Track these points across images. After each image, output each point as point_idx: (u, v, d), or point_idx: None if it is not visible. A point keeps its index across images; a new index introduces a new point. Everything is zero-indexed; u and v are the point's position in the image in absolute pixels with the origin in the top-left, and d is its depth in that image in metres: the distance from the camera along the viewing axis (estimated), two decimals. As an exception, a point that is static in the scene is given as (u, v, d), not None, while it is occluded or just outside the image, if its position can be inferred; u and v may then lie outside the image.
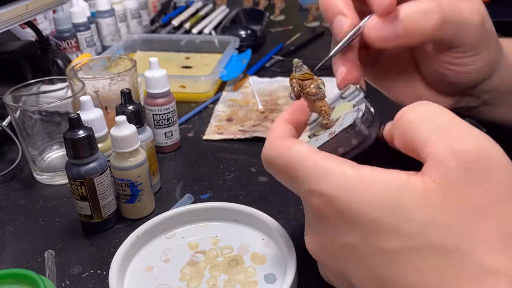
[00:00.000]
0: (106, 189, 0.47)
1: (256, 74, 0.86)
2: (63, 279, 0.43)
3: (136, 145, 0.48)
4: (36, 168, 0.58)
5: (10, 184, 0.58)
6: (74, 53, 0.89)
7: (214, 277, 0.42)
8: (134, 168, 0.48)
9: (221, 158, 0.62)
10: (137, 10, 1.09)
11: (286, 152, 0.31)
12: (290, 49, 0.97)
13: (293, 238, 0.42)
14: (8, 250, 0.47)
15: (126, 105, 0.52)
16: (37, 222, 0.51)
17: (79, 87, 0.55)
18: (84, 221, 0.48)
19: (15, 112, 0.55)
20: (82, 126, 0.45)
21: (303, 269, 0.41)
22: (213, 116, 0.72)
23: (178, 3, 1.30)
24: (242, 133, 0.66)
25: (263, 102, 0.75)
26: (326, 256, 0.32)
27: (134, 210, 0.50)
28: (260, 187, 0.55)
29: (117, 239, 0.48)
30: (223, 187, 0.56)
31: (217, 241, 0.46)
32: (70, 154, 0.45)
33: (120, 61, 0.64)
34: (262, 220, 0.45)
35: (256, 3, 1.31)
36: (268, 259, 0.43)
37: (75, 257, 0.46)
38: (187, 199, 0.52)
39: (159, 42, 0.97)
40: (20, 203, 0.55)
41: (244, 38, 0.97)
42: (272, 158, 0.32)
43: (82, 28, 0.92)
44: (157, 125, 0.62)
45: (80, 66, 0.62)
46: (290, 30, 1.13)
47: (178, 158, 0.63)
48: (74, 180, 0.46)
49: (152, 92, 0.60)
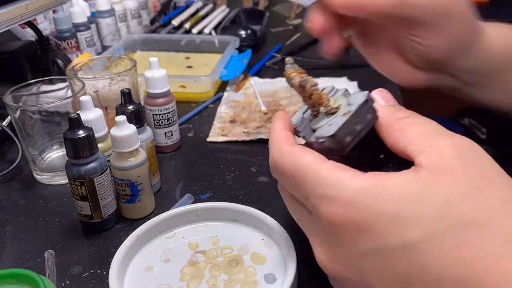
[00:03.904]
0: (106, 189, 0.47)
1: (257, 75, 0.86)
2: (63, 279, 0.43)
3: (136, 145, 0.48)
4: (36, 168, 0.58)
5: (10, 184, 0.58)
6: (74, 53, 0.89)
7: (214, 277, 0.42)
8: (134, 168, 0.48)
9: (221, 158, 0.62)
10: (137, 10, 1.09)
11: (296, 159, 0.32)
12: (290, 50, 0.97)
13: (293, 238, 0.42)
14: (8, 250, 0.47)
15: (126, 105, 0.52)
16: (37, 222, 0.51)
17: (79, 87, 0.55)
18: (84, 221, 0.48)
19: (15, 112, 0.55)
20: (82, 126, 0.45)
21: (303, 269, 0.41)
22: (216, 118, 0.72)
23: (178, 3, 1.30)
24: (247, 135, 0.66)
25: (265, 103, 0.75)
26: (344, 269, 0.31)
27: (134, 210, 0.50)
28: (260, 187, 0.55)
29: (117, 239, 0.48)
30: (223, 187, 0.56)
31: (217, 241, 0.46)
32: (70, 154, 0.45)
33: (120, 61, 0.64)
34: (262, 220, 0.45)
35: (256, 3, 1.30)
36: (268, 259, 0.43)
37: (75, 257, 0.46)
38: (187, 199, 0.52)
39: (159, 42, 0.97)
40: (20, 203, 0.55)
41: (244, 38, 0.97)
42: (282, 165, 0.33)
43: (82, 28, 0.92)
44: (157, 125, 0.62)
45: (80, 66, 0.62)
46: (290, 30, 1.13)
47: (178, 158, 0.63)
48: (74, 180, 0.46)
49: (152, 92, 0.60)
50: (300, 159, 0.32)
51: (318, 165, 0.31)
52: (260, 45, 1.01)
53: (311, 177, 0.31)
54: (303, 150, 0.32)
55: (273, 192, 0.54)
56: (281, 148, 0.33)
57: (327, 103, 0.35)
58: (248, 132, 0.67)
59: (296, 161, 0.32)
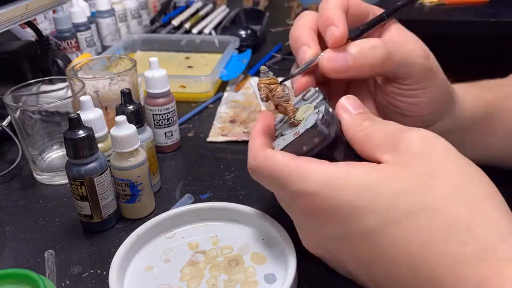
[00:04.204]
0: (106, 189, 0.47)
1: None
2: (63, 279, 0.43)
3: (136, 145, 0.48)
4: (36, 168, 0.58)
5: (10, 184, 0.58)
6: (74, 53, 0.89)
7: (214, 277, 0.42)
8: (134, 168, 0.48)
9: (221, 158, 0.62)
10: (137, 10, 1.09)
11: (269, 161, 0.34)
12: (290, 50, 0.97)
13: (293, 238, 0.42)
14: (8, 250, 0.47)
15: (126, 105, 0.52)
16: (37, 222, 0.51)
17: (79, 87, 0.55)
18: (84, 221, 0.48)
19: (15, 112, 0.55)
20: (82, 126, 0.45)
21: (303, 269, 0.41)
22: (216, 118, 0.72)
23: (178, 3, 1.30)
24: (247, 135, 0.66)
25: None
26: (320, 250, 0.36)
27: (134, 210, 0.50)
28: (260, 187, 0.55)
29: (117, 239, 0.48)
30: (223, 187, 0.56)
31: (217, 241, 0.46)
32: (70, 154, 0.45)
33: (120, 61, 0.64)
34: (262, 220, 0.45)
35: (256, 3, 1.30)
36: (268, 259, 0.43)
37: (75, 257, 0.46)
38: (187, 199, 0.52)
39: (159, 42, 0.97)
40: (20, 203, 0.55)
41: (244, 38, 0.97)
42: (258, 168, 0.35)
43: (82, 28, 0.92)
44: (157, 125, 0.62)
45: (80, 66, 0.62)
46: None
47: (178, 158, 0.63)
48: (74, 180, 0.46)
49: (152, 92, 0.60)
50: (271, 160, 0.34)
51: (287, 162, 0.33)
52: (260, 45, 1.01)
53: (283, 174, 0.33)
54: (274, 152, 0.35)
55: (273, 192, 0.54)
56: (255, 154, 0.36)
57: (291, 115, 0.38)
58: (248, 132, 0.67)
59: (269, 162, 0.34)
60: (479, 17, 0.87)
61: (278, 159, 0.34)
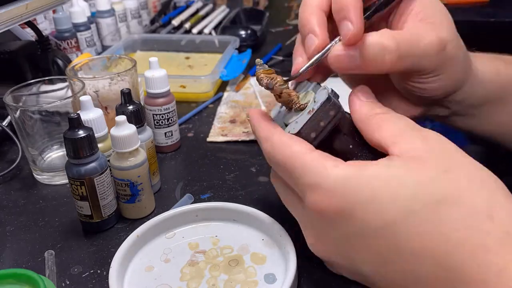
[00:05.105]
0: (106, 189, 0.47)
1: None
2: (63, 279, 0.43)
3: (136, 145, 0.48)
4: (36, 168, 0.58)
5: (10, 184, 0.58)
6: (74, 53, 0.89)
7: (214, 277, 0.42)
8: (134, 168, 0.48)
9: (221, 158, 0.62)
10: (137, 10, 1.09)
11: (285, 150, 0.34)
12: (290, 50, 0.97)
13: (293, 238, 0.42)
14: (8, 250, 0.47)
15: (126, 105, 0.52)
16: (37, 222, 0.51)
17: (79, 87, 0.55)
18: (84, 221, 0.48)
19: (15, 112, 0.55)
20: (82, 126, 0.45)
21: (303, 269, 0.41)
22: (216, 118, 0.72)
23: (178, 3, 1.30)
24: (247, 135, 0.66)
25: (265, 103, 0.75)
26: (330, 252, 0.35)
27: (134, 210, 0.50)
28: (260, 187, 0.55)
29: (117, 239, 0.48)
30: (223, 187, 0.56)
31: (217, 241, 0.46)
32: (70, 154, 0.45)
33: (120, 61, 0.64)
34: (262, 220, 0.45)
35: (256, 3, 1.30)
36: (268, 259, 0.43)
37: (75, 257, 0.46)
38: (187, 199, 0.52)
39: (159, 42, 0.97)
40: (20, 203, 0.55)
41: (244, 38, 0.97)
42: (274, 156, 0.35)
43: (82, 28, 0.92)
44: (157, 125, 0.62)
45: (80, 66, 0.62)
46: (290, 30, 1.13)
47: (178, 158, 0.63)
48: (74, 180, 0.46)
49: (152, 92, 0.60)
50: (288, 149, 0.34)
51: (304, 155, 0.33)
52: (260, 45, 1.01)
53: (299, 166, 0.33)
54: (291, 140, 0.35)
55: (273, 192, 0.53)
56: (271, 140, 0.35)
57: (295, 101, 0.38)
58: (248, 132, 0.67)
59: (285, 151, 0.34)
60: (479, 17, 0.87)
61: (294, 149, 0.34)
